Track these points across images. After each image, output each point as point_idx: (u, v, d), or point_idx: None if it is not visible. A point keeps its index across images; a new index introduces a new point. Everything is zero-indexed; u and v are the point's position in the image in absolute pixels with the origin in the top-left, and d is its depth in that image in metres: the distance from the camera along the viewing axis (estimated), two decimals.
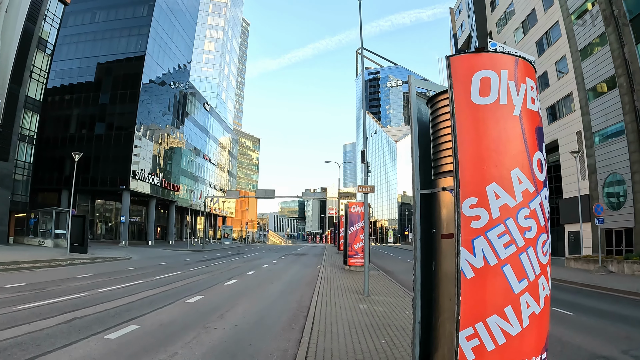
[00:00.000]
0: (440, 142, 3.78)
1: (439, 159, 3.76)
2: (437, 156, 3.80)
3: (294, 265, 24.70)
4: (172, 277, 16.76)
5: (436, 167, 3.79)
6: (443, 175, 3.69)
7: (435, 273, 3.64)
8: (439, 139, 3.80)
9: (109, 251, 33.86)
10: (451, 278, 3.41)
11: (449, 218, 3.52)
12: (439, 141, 3.79)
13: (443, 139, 3.74)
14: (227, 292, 12.82)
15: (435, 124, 3.90)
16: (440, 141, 3.77)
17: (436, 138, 3.84)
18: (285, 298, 11.63)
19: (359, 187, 11.42)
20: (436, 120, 3.89)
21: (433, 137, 3.90)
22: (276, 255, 35.55)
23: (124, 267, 21.54)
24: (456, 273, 3.21)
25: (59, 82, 51.31)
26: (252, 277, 17.09)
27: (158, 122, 54.25)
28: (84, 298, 11.13)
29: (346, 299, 10.81)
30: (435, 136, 3.87)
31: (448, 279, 3.48)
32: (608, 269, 21.54)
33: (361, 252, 18.49)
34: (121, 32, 51.04)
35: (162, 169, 55.58)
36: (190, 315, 9.06)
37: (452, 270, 3.40)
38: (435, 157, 3.83)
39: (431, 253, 3.70)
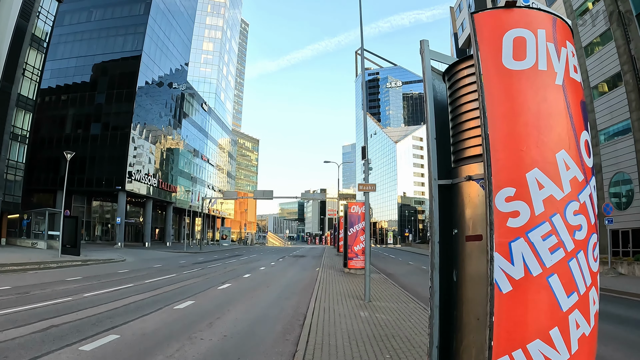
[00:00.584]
0: (461, 120, 3.04)
1: (460, 142, 3.03)
2: (458, 138, 3.06)
3: (292, 267, 23.95)
4: (164, 280, 16.03)
5: (457, 152, 3.06)
6: (466, 162, 2.95)
7: (457, 285, 2.90)
8: (460, 117, 3.06)
9: (104, 253, 33.11)
10: (479, 292, 2.69)
11: (476, 215, 2.78)
12: (460, 120, 3.05)
13: (465, 117, 3.01)
14: (220, 297, 12.08)
15: (454, 100, 3.17)
16: (462, 119, 3.04)
17: (456, 117, 3.10)
18: (280, 304, 10.88)
19: (360, 185, 10.70)
20: (456, 94, 3.15)
21: (452, 116, 3.17)
22: (274, 258, 34.80)
23: (116, 269, 20.84)
24: (488, 286, 2.48)
25: (54, 82, 50.60)
26: (248, 281, 16.35)
27: (155, 123, 53.52)
28: (67, 303, 10.44)
29: (346, 305, 10.07)
30: (455, 114, 3.13)
31: (475, 292, 2.75)
32: (618, 270, 20.81)
33: (361, 254, 17.75)
34: (117, 31, 50.33)
35: (159, 169, 54.82)
36: (176, 324, 8.33)
37: (481, 281, 2.67)
38: (455, 139, 3.10)
39: (451, 259, 2.97)
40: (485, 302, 2.56)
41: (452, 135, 3.16)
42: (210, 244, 76.69)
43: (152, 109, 52.38)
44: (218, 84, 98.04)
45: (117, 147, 46.37)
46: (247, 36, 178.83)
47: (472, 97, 2.98)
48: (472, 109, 2.94)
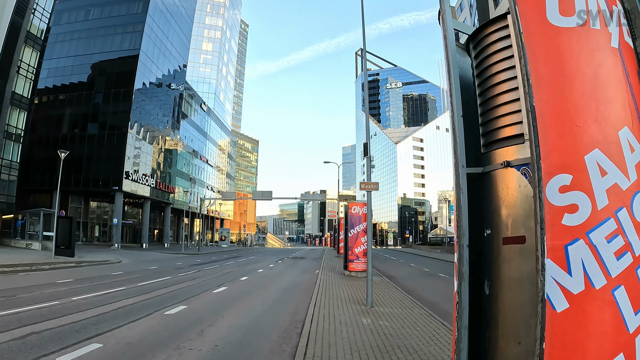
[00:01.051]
0: (493, 94, 2.46)
1: (492, 121, 2.45)
2: (489, 117, 2.48)
3: (290, 270, 23.34)
4: (158, 283, 15.45)
5: (488, 133, 2.47)
6: (502, 144, 2.37)
7: (490, 300, 2.31)
8: (491, 90, 2.48)
9: (100, 254, 32.52)
10: (522, 310, 2.11)
11: (517, 211, 2.20)
12: (492, 93, 2.47)
13: (498, 89, 2.43)
14: (215, 301, 11.49)
15: (483, 71, 2.58)
16: (494, 93, 2.45)
17: (487, 90, 2.52)
18: (278, 309, 10.28)
19: (362, 184, 10.11)
20: (485, 63, 2.57)
21: (481, 91, 2.58)
22: (273, 259, 34.20)
23: (110, 271, 20.27)
24: (539, 303, 1.89)
25: (51, 81, 50.09)
26: (245, 284, 15.75)
27: (153, 123, 52.95)
28: (53, 307, 9.88)
29: (347, 311, 9.47)
30: (484, 88, 2.55)
31: (515, 310, 2.17)
32: None
33: (362, 257, 17.16)
34: (115, 30, 49.80)
35: (157, 170, 54.23)
36: (165, 331, 7.73)
37: (524, 296, 2.10)
38: (485, 119, 2.52)
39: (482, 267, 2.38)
40: (530, 323, 1.98)
41: (481, 114, 2.57)
42: (209, 246, 76.07)
43: (150, 108, 51.82)
44: (217, 84, 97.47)
45: (114, 147, 45.78)
46: (246, 37, 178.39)
47: (506, 64, 2.41)
48: (508, 79, 2.37)
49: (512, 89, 2.33)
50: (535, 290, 1.93)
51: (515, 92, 2.32)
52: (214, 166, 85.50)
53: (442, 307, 11.16)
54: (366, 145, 10.35)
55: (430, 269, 26.10)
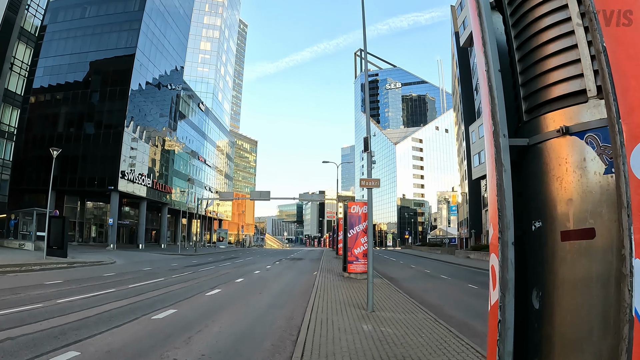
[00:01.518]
0: (537, 43, 1.87)
1: (538, 78, 1.86)
2: (532, 73, 1.89)
3: (288, 271, 22.72)
4: (149, 285, 14.84)
5: (532, 94, 1.88)
6: (552, 107, 1.78)
7: (542, 316, 1.72)
8: (535, 38, 1.89)
9: (94, 255, 31.90)
10: (589, 330, 1.52)
11: (581, 194, 1.60)
12: (537, 42, 1.88)
13: (545, 36, 1.84)
14: (206, 305, 10.89)
15: (523, 15, 2.00)
16: (539, 41, 1.86)
17: (528, 40, 1.93)
18: (273, 314, 9.67)
19: (362, 180, 9.52)
20: (525, 6, 1.98)
21: (519, 43, 1.99)
22: (270, 260, 33.58)
23: (102, 272, 19.71)
24: (624, 323, 1.30)
25: (47, 79, 49.48)
26: (240, 286, 15.15)
27: (150, 122, 52.33)
28: (35, 311, 9.34)
29: (346, 316, 8.87)
30: (524, 37, 1.96)
31: (578, 330, 1.57)
32: None
33: (362, 258, 16.56)
34: (112, 28, 49.20)
35: (153, 170, 53.59)
36: (150, 338, 7.14)
37: (592, 311, 1.51)
38: (527, 76, 1.92)
39: (526, 273, 1.79)
40: (602, 349, 1.40)
41: (521, 71, 1.98)
42: (207, 246, 75.48)
43: (147, 107, 51.20)
44: (215, 84, 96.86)
45: (110, 146, 45.14)
46: (245, 37, 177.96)
47: (554, 4, 1.82)
48: (559, 21, 1.78)
49: (566, 33, 1.75)
50: (616, 305, 1.35)
51: (570, 38, 1.74)
52: (212, 166, 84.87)
53: (446, 311, 10.58)
54: (367, 140, 9.77)
55: (431, 270, 25.54)
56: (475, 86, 54.31)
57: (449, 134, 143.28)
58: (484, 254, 35.58)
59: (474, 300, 12.98)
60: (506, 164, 1.71)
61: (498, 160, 1.72)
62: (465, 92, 59.29)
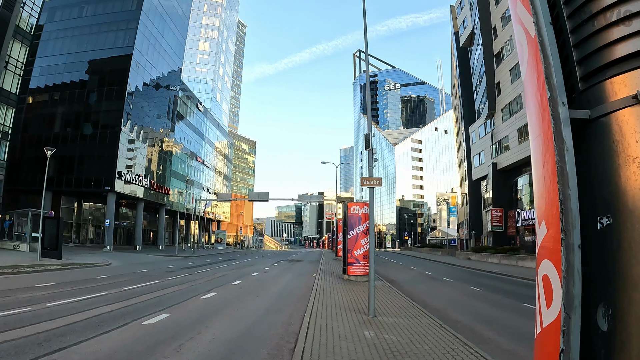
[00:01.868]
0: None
1: (602, 32, 1.44)
2: (592, 27, 1.47)
3: (286, 273, 22.27)
4: (143, 287, 14.40)
5: (591, 56, 1.46)
6: (623, 67, 1.36)
7: (612, 341, 1.30)
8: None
9: (90, 257, 31.42)
10: None
11: None
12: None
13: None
14: (201, 309, 10.45)
15: None
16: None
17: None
18: (269, 319, 9.23)
19: (363, 179, 9.10)
20: None
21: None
22: (269, 262, 33.13)
23: (96, 274, 19.25)
24: None
25: (44, 79, 49.02)
26: (236, 289, 14.70)
27: (147, 122, 51.87)
28: (21, 315, 8.95)
29: (347, 321, 8.44)
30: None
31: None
32: None
33: (362, 260, 16.12)
34: (109, 27, 48.78)
35: (151, 170, 53.11)
36: (139, 345, 6.71)
37: None
38: (584, 33, 1.51)
39: (590, 284, 1.37)
40: None
41: (572, 29, 1.56)
42: (205, 248, 74.98)
43: (145, 108, 50.76)
44: (214, 84, 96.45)
45: (106, 146, 44.69)
46: (244, 38, 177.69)
47: None
48: None
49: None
50: None
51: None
52: (210, 167, 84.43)
53: (451, 315, 10.16)
54: (368, 137, 9.34)
55: (432, 272, 25.11)
56: (475, 86, 53.93)
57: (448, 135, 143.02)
58: (485, 255, 35.20)
59: (479, 303, 12.56)
60: (568, 140, 1.29)
61: (558, 137, 1.29)
62: (465, 92, 58.90)
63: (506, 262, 31.30)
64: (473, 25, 51.01)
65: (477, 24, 48.26)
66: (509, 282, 19.32)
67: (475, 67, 52.48)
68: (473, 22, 50.81)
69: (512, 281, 20.00)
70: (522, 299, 13.54)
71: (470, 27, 52.64)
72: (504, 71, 43.47)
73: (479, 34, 47.19)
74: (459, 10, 59.18)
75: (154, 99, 54.03)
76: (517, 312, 11.02)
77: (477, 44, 49.39)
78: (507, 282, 19.61)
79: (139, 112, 49.21)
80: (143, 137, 50.10)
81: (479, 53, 49.08)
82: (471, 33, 52.79)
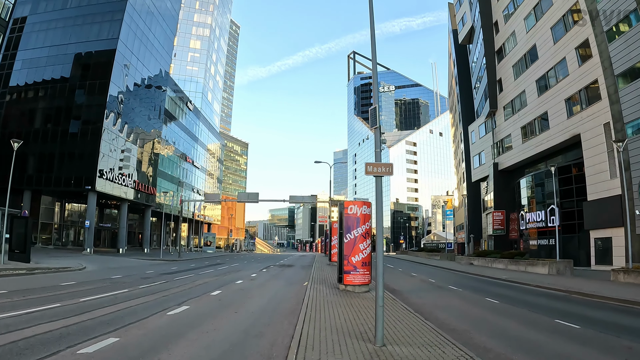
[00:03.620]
0: None
1: None
2: None
3: (275, 281, 20.05)
4: (105, 299, 12.23)
5: None
6: None
7: None
8: None
9: (64, 260, 29.09)
10: None
11: None
12: None
13: None
14: (162, 329, 8.30)
15: None
16: None
17: None
18: (245, 348, 7.08)
19: (369, 165, 7.01)
20: None
21: None
22: (257, 267, 30.91)
23: (61, 281, 17.15)
24: None
25: (25, 73, 46.55)
26: (214, 301, 12.52)
27: (133, 119, 49.42)
28: None
29: (347, 354, 6.31)
30: None
31: None
32: None
33: (361, 267, 14.01)
34: (93, 18, 46.48)
35: (136, 170, 50.65)
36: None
37: None
38: None
39: None
40: None
41: None
42: (194, 251, 72.53)
43: (130, 103, 48.38)
44: (205, 83, 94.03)
45: (87, 143, 42.30)
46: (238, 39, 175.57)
47: None
48: None
49: None
50: None
51: None
52: (200, 168, 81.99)
53: (475, 338, 8.07)
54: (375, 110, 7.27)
55: (436, 279, 22.95)
56: (474, 84, 52.16)
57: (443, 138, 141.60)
58: (489, 260, 33.17)
59: (503, 321, 10.48)
60: None
61: None
62: (464, 91, 57.18)
63: (514, 267, 29.29)
64: (473, 21, 49.25)
65: (477, 19, 46.49)
66: (527, 292, 17.26)
67: (475, 64, 50.73)
68: (473, 18, 49.03)
69: (529, 290, 17.95)
70: (552, 313, 11.50)
71: (469, 24, 50.88)
72: (507, 67, 41.71)
73: (480, 29, 45.42)
74: (457, 7, 57.45)
75: (141, 95, 51.69)
76: (557, 332, 8.95)
77: (477, 40, 47.63)
78: (524, 291, 17.56)
79: (124, 108, 46.84)
80: (127, 134, 47.63)
81: (479, 49, 47.33)
82: (470, 29, 51.04)
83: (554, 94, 33.76)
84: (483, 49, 44.73)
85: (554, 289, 17.76)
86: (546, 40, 34.72)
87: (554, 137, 33.79)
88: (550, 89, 34.33)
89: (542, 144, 35.54)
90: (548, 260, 26.13)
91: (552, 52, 33.87)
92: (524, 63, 38.61)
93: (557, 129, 33.20)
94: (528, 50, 37.77)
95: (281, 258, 54.01)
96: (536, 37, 36.31)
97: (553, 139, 33.93)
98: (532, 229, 35.87)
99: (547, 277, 23.32)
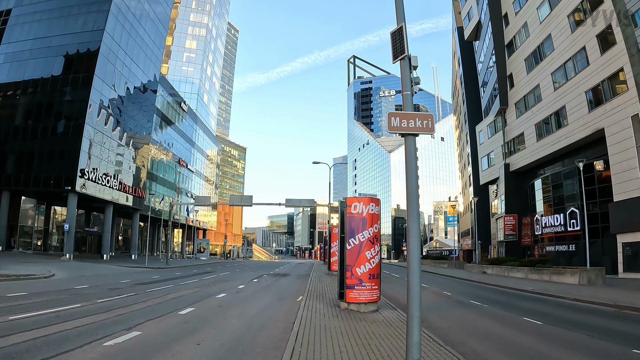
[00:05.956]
0: None
1: None
2: None
3: (264, 295, 17.04)
4: (42, 317, 9.45)
5: None
6: None
7: None
8: None
9: (33, 266, 26.10)
10: None
11: None
12: None
13: None
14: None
15: None
16: None
17: None
18: None
19: (393, 116, 4.18)
20: None
21: None
22: (249, 277, 27.94)
23: (12, 291, 14.51)
24: None
25: (7, 67, 43.83)
26: (177, 324, 9.59)
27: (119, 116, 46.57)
28: None
29: None
30: None
31: None
32: None
33: (368, 281, 11.05)
34: (79, 10, 43.79)
35: (122, 170, 47.70)
36: None
37: None
38: None
39: None
40: None
41: None
42: (187, 258, 69.45)
43: (117, 100, 45.55)
44: (201, 84, 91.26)
45: (69, 140, 39.41)
46: (236, 43, 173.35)
47: None
48: None
49: None
50: None
51: None
52: (195, 171, 79.07)
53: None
54: (403, 32, 4.45)
55: (451, 292, 19.93)
56: (481, 82, 49.49)
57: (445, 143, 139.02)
58: (505, 268, 30.15)
59: (564, 354, 7.59)
60: None
61: None
62: (470, 90, 54.54)
63: (536, 277, 26.29)
64: (480, 15, 46.64)
65: (485, 12, 43.89)
66: (567, 308, 14.32)
67: (482, 61, 48.10)
68: (480, 12, 46.43)
69: (568, 305, 15.00)
70: (622, 340, 8.65)
71: (476, 18, 48.30)
72: (518, 61, 39.02)
73: (488, 23, 42.79)
74: (462, 2, 54.95)
75: (131, 95, 48.90)
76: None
77: (485, 36, 45.00)
78: (563, 306, 14.62)
79: (110, 105, 44.01)
80: (112, 130, 44.68)
81: (487, 45, 44.72)
82: (477, 25, 48.45)
83: (572, 86, 31.07)
84: (492, 44, 42.11)
85: (598, 303, 14.89)
86: (562, 29, 32.09)
87: (573, 133, 31.05)
88: (568, 82, 31.65)
89: (560, 141, 32.75)
90: (577, 269, 23.24)
91: (570, 42, 31.22)
92: (538, 56, 35.97)
93: (577, 124, 30.46)
94: (542, 41, 35.14)
95: (277, 266, 51.02)
96: (551, 26, 33.67)
97: (572, 135, 31.17)
98: (549, 234, 32.97)
99: (579, 287, 20.46)
